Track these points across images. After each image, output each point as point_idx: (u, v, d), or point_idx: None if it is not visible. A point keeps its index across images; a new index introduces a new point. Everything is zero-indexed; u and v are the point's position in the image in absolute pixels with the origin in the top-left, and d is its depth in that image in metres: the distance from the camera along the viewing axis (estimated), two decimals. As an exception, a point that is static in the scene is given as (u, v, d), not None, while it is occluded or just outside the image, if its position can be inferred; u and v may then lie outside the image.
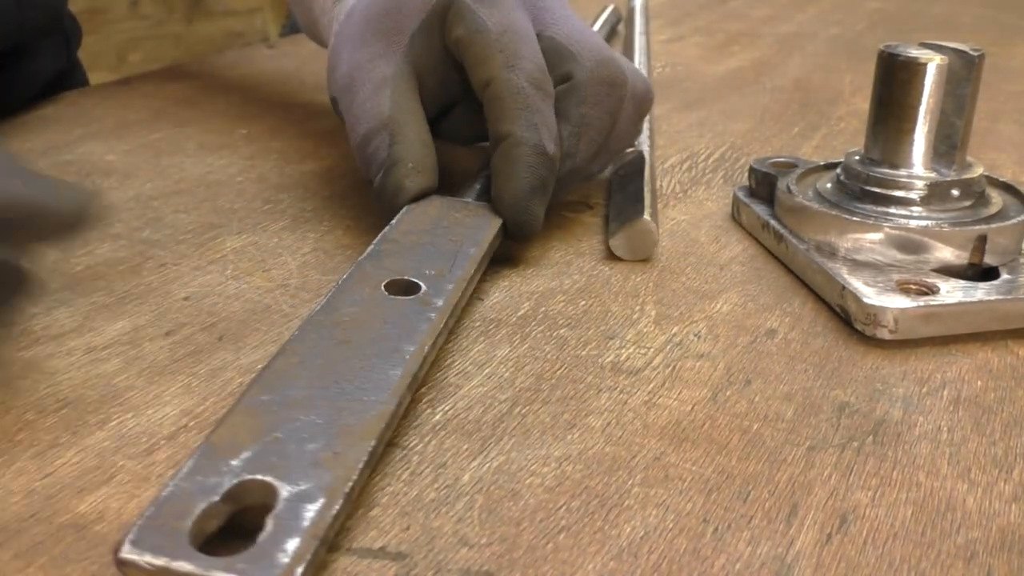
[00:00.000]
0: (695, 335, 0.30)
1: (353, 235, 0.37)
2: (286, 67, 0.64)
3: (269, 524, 0.19)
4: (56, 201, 0.25)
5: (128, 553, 0.18)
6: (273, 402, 0.23)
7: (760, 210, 0.37)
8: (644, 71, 0.57)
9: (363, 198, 0.41)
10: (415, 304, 0.28)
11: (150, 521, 0.19)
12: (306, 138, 0.49)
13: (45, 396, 0.27)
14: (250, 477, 0.20)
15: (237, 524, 0.20)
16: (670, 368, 0.28)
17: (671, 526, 0.22)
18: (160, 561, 0.18)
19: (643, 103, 0.39)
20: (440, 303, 0.28)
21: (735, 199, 0.39)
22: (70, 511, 0.22)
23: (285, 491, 0.20)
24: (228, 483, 0.20)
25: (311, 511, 0.20)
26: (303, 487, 0.20)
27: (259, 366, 0.28)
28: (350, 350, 0.25)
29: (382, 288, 0.28)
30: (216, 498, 0.20)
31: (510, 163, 0.34)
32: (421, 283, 0.29)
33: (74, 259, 0.35)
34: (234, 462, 0.21)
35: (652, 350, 0.29)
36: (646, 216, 0.35)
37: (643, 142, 0.44)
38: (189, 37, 2.61)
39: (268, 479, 0.20)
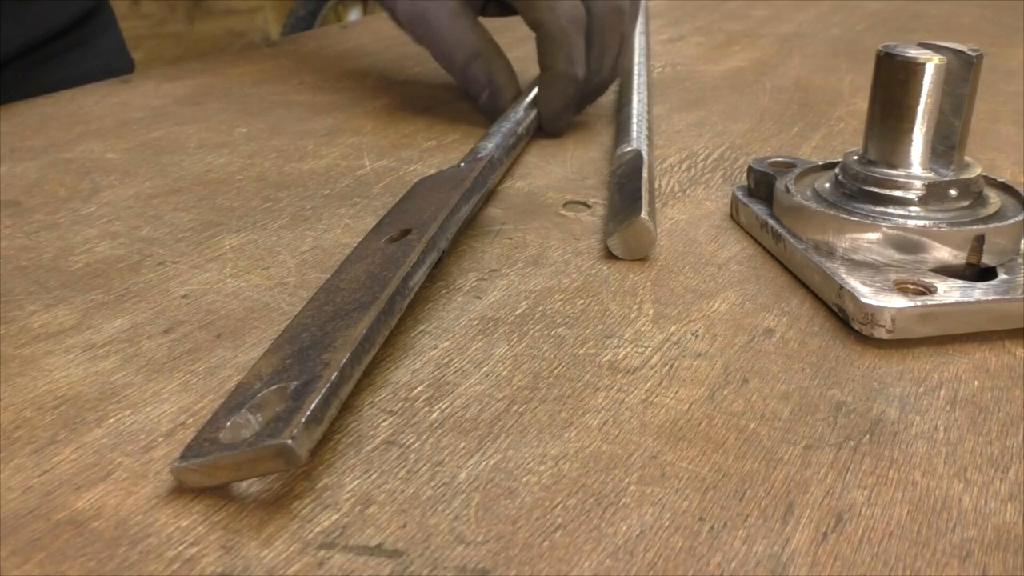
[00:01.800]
0: (693, 334, 0.30)
1: (352, 234, 0.37)
2: (286, 66, 0.64)
3: (279, 407, 0.23)
4: None
5: (178, 465, 0.22)
6: (287, 342, 0.26)
7: (758, 210, 0.37)
8: (644, 71, 0.57)
9: (361, 197, 0.41)
10: (404, 244, 0.31)
11: (191, 444, 0.23)
12: (305, 137, 0.49)
13: (43, 393, 0.27)
14: (268, 389, 0.24)
15: None
16: (667, 367, 0.28)
17: (667, 524, 0.22)
18: (200, 460, 0.22)
19: (638, 6, 0.51)
20: (425, 235, 0.31)
21: (734, 199, 0.39)
22: (68, 508, 0.22)
23: (292, 385, 0.24)
24: (251, 398, 0.24)
25: (312, 391, 0.23)
26: (305, 380, 0.24)
27: (257, 364, 0.28)
28: (347, 291, 0.29)
29: (382, 242, 0.32)
30: (243, 410, 0.23)
31: (550, 88, 0.47)
32: (413, 228, 0.32)
33: (73, 257, 0.35)
34: (257, 385, 0.24)
35: (650, 349, 0.29)
36: (644, 215, 0.35)
37: (642, 142, 0.44)
38: (190, 36, 2.61)
39: (282, 384, 0.24)
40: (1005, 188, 0.35)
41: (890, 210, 0.33)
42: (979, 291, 0.31)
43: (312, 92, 0.58)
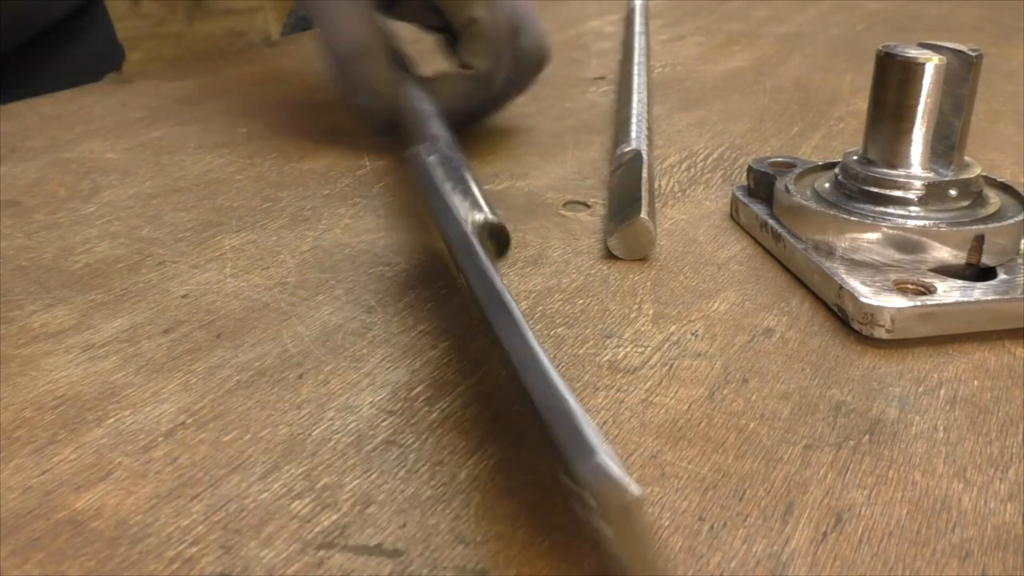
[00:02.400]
0: (692, 334, 0.30)
1: (351, 234, 0.37)
2: (286, 66, 0.64)
3: None
4: None
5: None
6: None
7: (758, 210, 0.37)
8: (644, 71, 0.57)
9: (361, 197, 0.41)
10: None
11: None
12: (305, 137, 0.49)
13: (43, 393, 0.27)
14: None
15: None
16: (667, 367, 0.28)
17: (667, 524, 0.22)
18: None
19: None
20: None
21: (733, 199, 0.39)
22: (67, 507, 0.22)
23: None
24: None
25: None
26: None
27: (256, 364, 0.28)
28: None
29: None
30: None
31: (458, 86, 0.42)
32: None
33: (73, 257, 0.35)
34: None
35: (649, 349, 0.29)
36: (643, 215, 0.35)
37: (642, 142, 0.44)
38: (190, 36, 2.61)
39: None
40: (1005, 188, 0.35)
41: (890, 210, 0.33)
42: (979, 291, 0.31)
43: (312, 92, 0.58)
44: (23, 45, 0.60)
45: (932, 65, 0.33)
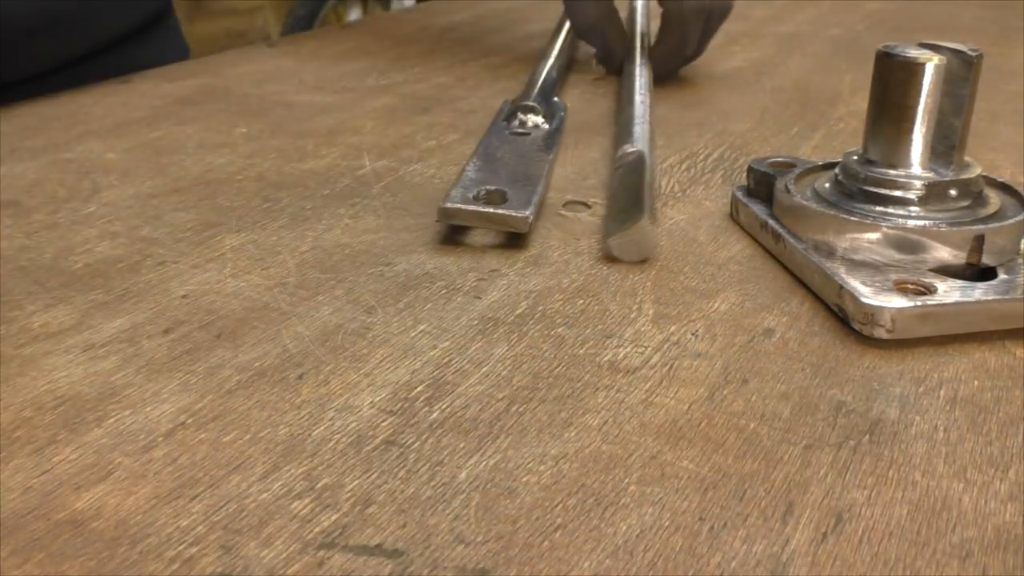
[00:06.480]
0: (692, 334, 0.30)
1: (352, 234, 0.37)
2: (286, 66, 0.64)
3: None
4: None
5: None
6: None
7: (758, 210, 0.37)
8: (646, 71, 0.57)
9: (361, 197, 0.41)
10: None
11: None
12: (305, 137, 0.49)
13: (43, 393, 0.27)
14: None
15: None
16: (667, 367, 0.28)
17: (667, 524, 0.22)
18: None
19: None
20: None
21: (734, 199, 0.39)
22: (67, 508, 0.22)
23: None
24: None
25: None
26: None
27: (256, 364, 0.28)
28: None
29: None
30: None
31: (658, 59, 0.61)
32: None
33: (73, 257, 0.35)
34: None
35: (649, 349, 0.29)
36: (645, 219, 0.35)
37: (644, 143, 0.44)
38: (190, 36, 2.60)
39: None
40: (1005, 188, 0.35)
41: (890, 210, 0.33)
42: (979, 291, 0.31)
43: (312, 92, 0.58)
44: (95, 51, 0.62)
45: (932, 65, 0.33)
